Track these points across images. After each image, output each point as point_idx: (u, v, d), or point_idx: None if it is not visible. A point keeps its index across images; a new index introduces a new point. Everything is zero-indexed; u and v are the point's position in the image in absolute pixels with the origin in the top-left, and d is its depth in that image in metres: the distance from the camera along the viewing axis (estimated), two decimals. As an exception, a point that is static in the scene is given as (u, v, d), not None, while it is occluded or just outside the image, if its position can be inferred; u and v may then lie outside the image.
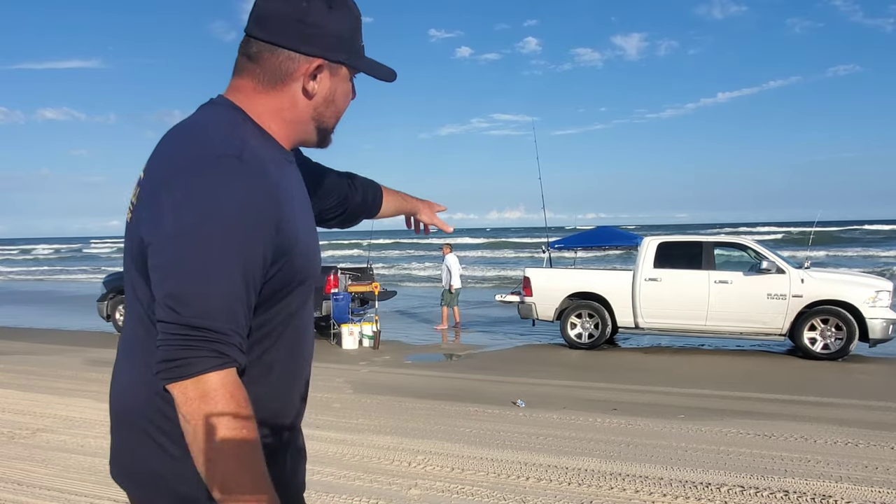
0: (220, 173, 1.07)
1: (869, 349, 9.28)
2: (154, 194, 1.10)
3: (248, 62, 1.22)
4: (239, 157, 1.09)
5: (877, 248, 35.66)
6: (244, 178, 1.08)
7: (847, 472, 4.40)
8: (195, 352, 1.03)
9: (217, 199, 1.05)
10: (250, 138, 1.16)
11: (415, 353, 10.06)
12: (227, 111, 1.20)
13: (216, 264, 1.04)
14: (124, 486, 1.28)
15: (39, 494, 4.02)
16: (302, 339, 1.29)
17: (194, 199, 1.05)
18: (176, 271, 1.05)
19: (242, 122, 1.19)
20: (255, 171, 1.10)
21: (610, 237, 14.12)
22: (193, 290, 1.04)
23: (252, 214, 1.08)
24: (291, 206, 1.17)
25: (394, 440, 5.16)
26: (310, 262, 1.24)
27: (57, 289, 25.87)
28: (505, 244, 48.50)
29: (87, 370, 8.41)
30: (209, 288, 1.04)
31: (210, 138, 1.13)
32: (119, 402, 1.30)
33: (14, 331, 12.77)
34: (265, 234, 1.10)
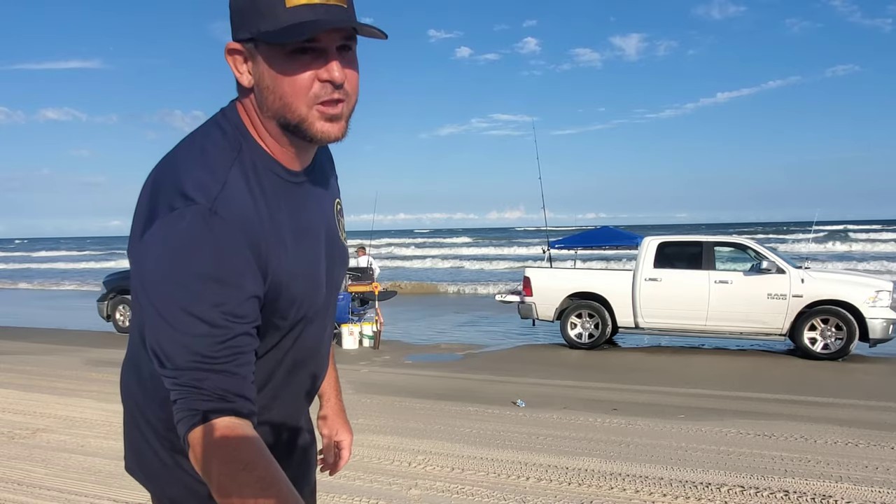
0: (191, 225, 1.00)
1: (869, 349, 9.28)
2: (134, 234, 1.06)
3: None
4: (212, 210, 1.01)
5: (877, 248, 35.65)
6: (216, 230, 1.01)
7: (847, 472, 4.40)
8: (192, 404, 1.00)
9: (188, 252, 1.00)
10: (236, 175, 1.07)
11: (415, 353, 10.06)
12: (228, 133, 1.11)
13: (194, 318, 0.99)
14: (137, 478, 1.30)
15: (39, 494, 4.02)
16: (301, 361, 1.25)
17: (168, 251, 1.00)
18: (152, 326, 1.02)
19: (238, 149, 1.10)
20: (228, 222, 1.02)
21: (610, 237, 14.12)
22: (175, 345, 1.00)
23: (224, 267, 1.01)
24: (278, 247, 1.09)
25: (394, 440, 5.16)
26: (303, 300, 1.16)
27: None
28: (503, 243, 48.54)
29: (87, 370, 8.41)
30: (191, 340, 0.99)
31: (189, 181, 1.04)
32: (124, 401, 1.32)
33: (14, 331, 12.77)
34: (244, 283, 1.03)
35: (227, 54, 1.08)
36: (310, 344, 1.25)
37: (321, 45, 1.03)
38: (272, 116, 1.08)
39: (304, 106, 1.05)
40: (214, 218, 1.01)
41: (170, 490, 1.23)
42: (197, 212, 1.01)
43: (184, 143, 1.13)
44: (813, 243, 31.89)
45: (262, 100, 1.08)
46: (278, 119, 1.08)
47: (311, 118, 1.06)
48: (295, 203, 1.15)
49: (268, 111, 1.08)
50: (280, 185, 1.12)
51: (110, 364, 8.64)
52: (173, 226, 1.01)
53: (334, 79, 1.04)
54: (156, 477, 1.24)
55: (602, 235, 14.20)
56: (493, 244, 49.03)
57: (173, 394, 1.02)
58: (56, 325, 13.81)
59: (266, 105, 1.08)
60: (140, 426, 1.24)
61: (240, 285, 1.02)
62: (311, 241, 1.18)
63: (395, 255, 39.02)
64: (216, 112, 1.16)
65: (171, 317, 1.00)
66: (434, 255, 39.61)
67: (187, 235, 1.00)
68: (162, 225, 1.01)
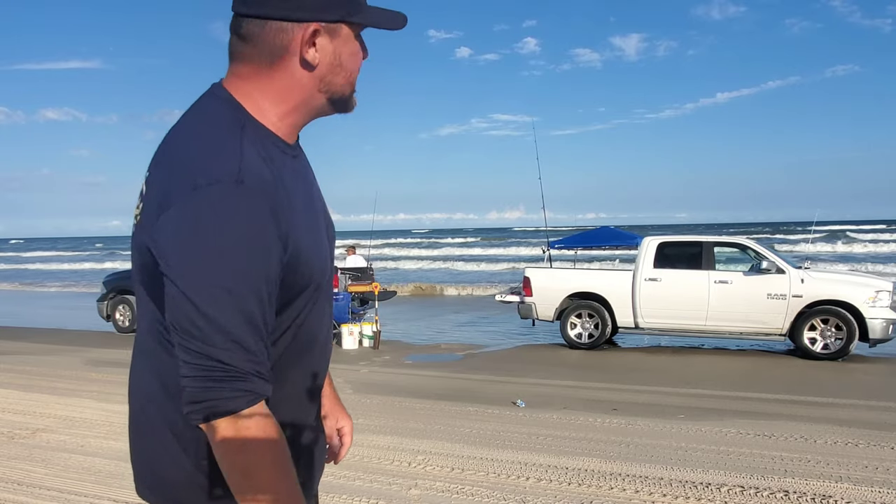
0: (218, 203, 1.02)
1: (869, 349, 9.28)
2: (153, 226, 1.05)
3: (242, 44, 1.13)
4: (238, 181, 1.03)
5: (877, 248, 35.66)
6: (245, 202, 1.03)
7: (847, 472, 4.40)
8: (222, 392, 1.01)
9: (220, 231, 1.01)
10: (248, 147, 1.08)
11: (415, 353, 10.06)
12: (225, 111, 1.12)
13: (231, 298, 1.01)
14: (142, 493, 1.24)
15: (39, 494, 4.02)
16: (312, 341, 1.25)
17: (199, 230, 1.01)
18: (188, 305, 1.01)
19: (241, 125, 1.11)
20: (255, 191, 1.04)
21: (610, 237, 14.13)
22: (209, 327, 1.00)
23: (257, 239, 1.03)
24: (293, 213, 1.11)
25: (394, 440, 5.16)
26: (315, 265, 1.17)
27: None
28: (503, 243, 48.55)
29: (87, 370, 8.41)
30: (226, 323, 1.01)
31: (206, 158, 1.06)
32: (133, 406, 1.25)
33: (14, 331, 12.77)
34: (273, 255, 1.06)
35: (310, 36, 1.12)
36: (318, 327, 1.25)
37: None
38: (330, 91, 1.17)
39: (354, 81, 1.20)
40: (242, 188, 1.03)
41: (187, 499, 1.19)
42: (225, 185, 1.03)
43: (184, 124, 1.14)
44: (813, 243, 31.89)
45: (328, 79, 1.16)
46: (336, 94, 1.18)
47: (351, 91, 1.21)
48: (297, 175, 1.19)
49: (329, 87, 1.17)
50: (281, 157, 1.16)
51: (110, 364, 8.64)
52: (204, 202, 1.01)
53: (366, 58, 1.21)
54: (173, 489, 1.19)
55: (602, 235, 14.21)
56: (492, 244, 49.04)
57: (200, 370, 1.01)
58: (56, 325, 13.81)
59: (330, 81, 1.16)
60: (158, 433, 1.18)
61: (273, 256, 1.06)
62: (313, 210, 1.23)
63: (387, 256, 38.88)
64: (204, 94, 1.18)
65: (210, 293, 1.00)
66: (433, 256, 39.61)
67: (221, 209, 1.01)
68: (190, 204, 1.02)
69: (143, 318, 1.19)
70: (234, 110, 1.13)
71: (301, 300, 1.17)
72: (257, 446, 1.03)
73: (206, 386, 1.01)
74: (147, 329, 1.18)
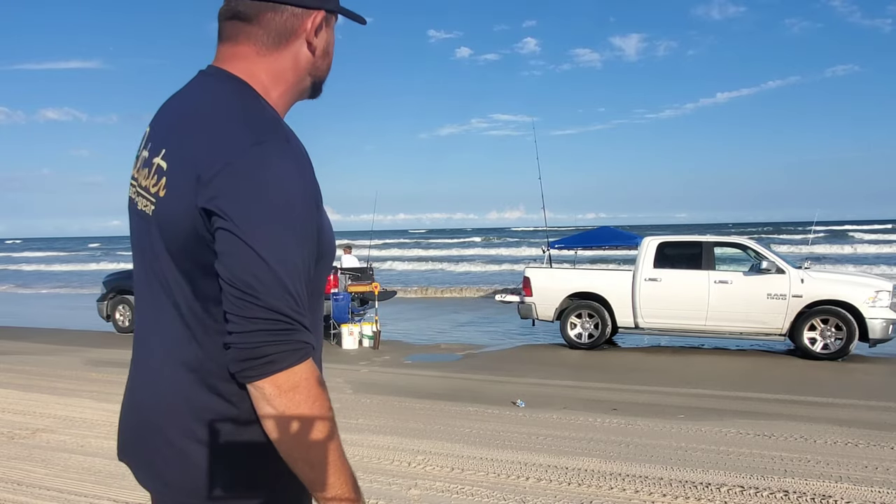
0: (277, 159, 1.04)
1: (869, 349, 9.28)
2: (209, 186, 1.03)
3: (245, 25, 1.15)
4: (287, 140, 1.08)
5: (876, 248, 35.66)
6: (295, 160, 1.07)
7: (847, 472, 4.40)
8: (282, 346, 1.02)
9: (281, 186, 1.03)
10: (276, 113, 1.15)
11: (415, 353, 10.06)
12: (239, 85, 1.15)
13: (290, 252, 1.03)
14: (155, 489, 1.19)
15: (39, 494, 4.02)
16: (321, 316, 1.28)
17: (260, 189, 1.02)
18: (253, 257, 1.00)
19: (258, 97, 1.15)
20: (300, 151, 1.10)
21: (610, 237, 14.13)
22: (272, 280, 1.01)
23: (309, 197, 1.07)
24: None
25: (394, 440, 5.16)
26: (333, 236, 1.22)
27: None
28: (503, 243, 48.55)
29: (87, 370, 8.41)
30: (286, 276, 1.02)
31: (249, 120, 1.08)
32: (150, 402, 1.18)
33: (14, 331, 12.77)
34: (317, 215, 1.10)
35: (325, 22, 1.21)
36: (321, 312, 1.27)
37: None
38: (315, 75, 1.24)
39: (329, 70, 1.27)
40: (291, 146, 1.08)
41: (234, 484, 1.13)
42: (279, 142, 1.07)
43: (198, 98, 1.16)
44: (813, 244, 31.89)
45: (318, 63, 1.23)
46: (318, 78, 1.25)
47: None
48: None
49: (316, 71, 1.24)
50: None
51: (110, 364, 8.64)
52: (267, 157, 1.04)
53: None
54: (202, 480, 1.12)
55: (602, 235, 14.21)
56: (491, 245, 49.05)
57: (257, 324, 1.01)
58: (56, 325, 13.81)
59: (319, 66, 1.24)
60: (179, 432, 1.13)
61: (318, 214, 1.10)
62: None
63: (386, 257, 38.79)
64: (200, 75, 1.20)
65: (276, 246, 1.02)
66: (431, 256, 39.59)
67: (284, 165, 1.04)
68: (254, 159, 1.03)
69: (168, 310, 1.14)
70: (244, 85, 1.16)
71: (321, 269, 1.18)
72: (315, 399, 1.04)
73: (265, 340, 1.01)
74: (171, 320, 1.13)
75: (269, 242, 1.01)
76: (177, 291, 1.11)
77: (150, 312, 1.18)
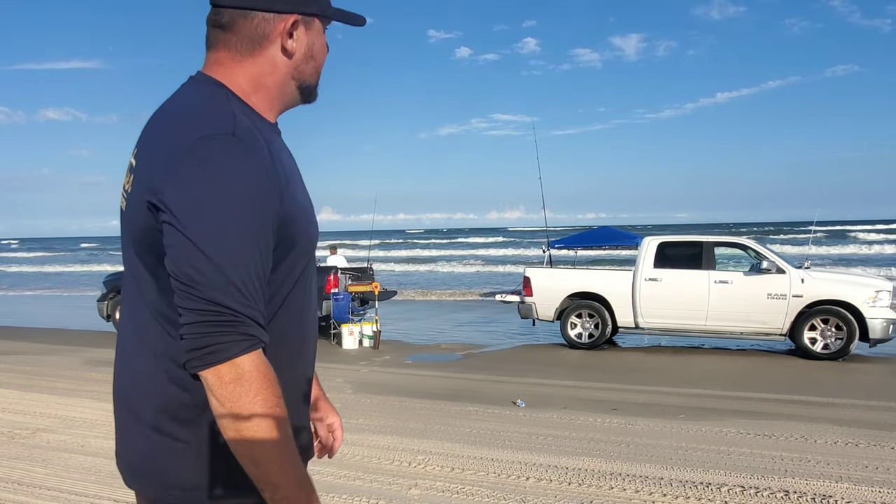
0: (220, 153, 1.06)
1: (869, 349, 9.28)
2: (155, 180, 1.08)
3: (222, 32, 1.20)
4: (233, 134, 1.09)
5: (876, 248, 35.67)
6: (242, 153, 1.08)
7: (847, 472, 4.40)
8: (224, 336, 1.03)
9: (222, 179, 1.05)
10: (238, 111, 1.15)
11: (415, 353, 10.06)
12: (211, 87, 1.19)
13: (232, 243, 1.04)
14: (133, 484, 1.24)
15: (39, 494, 4.02)
16: (307, 309, 1.27)
17: (200, 181, 1.05)
18: (193, 250, 1.03)
19: (227, 96, 1.18)
20: (251, 145, 1.10)
21: (610, 237, 14.13)
22: (212, 271, 1.03)
23: (258, 189, 1.07)
24: (287, 174, 1.17)
25: (394, 440, 5.16)
26: (309, 226, 1.23)
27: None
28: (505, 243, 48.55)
29: (87, 370, 8.42)
30: (228, 268, 1.03)
31: (202, 117, 1.12)
32: (126, 393, 1.25)
33: (14, 331, 12.77)
34: (272, 207, 1.10)
35: (290, 26, 1.21)
36: (309, 295, 1.27)
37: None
38: (300, 79, 1.25)
39: (317, 75, 1.28)
40: (238, 140, 1.09)
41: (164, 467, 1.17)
42: (225, 137, 1.08)
43: (170, 103, 1.21)
44: (813, 244, 31.90)
45: (301, 67, 1.24)
46: (305, 82, 1.26)
47: (317, 82, 1.29)
48: (281, 148, 1.24)
49: (300, 75, 1.24)
50: (270, 131, 1.22)
51: (110, 364, 8.57)
52: (208, 151, 1.06)
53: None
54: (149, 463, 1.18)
55: (602, 235, 14.21)
56: (491, 245, 49.05)
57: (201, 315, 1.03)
58: (56, 325, 13.81)
59: (302, 69, 1.24)
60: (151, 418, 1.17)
61: (272, 207, 1.10)
62: (300, 180, 1.28)
63: (384, 258, 38.74)
64: (185, 82, 1.24)
65: (215, 239, 1.03)
66: (430, 257, 39.59)
67: (225, 159, 1.06)
68: (196, 154, 1.06)
69: (132, 302, 1.20)
70: (219, 87, 1.20)
71: (297, 257, 1.20)
72: (257, 393, 1.03)
73: (207, 331, 1.03)
74: (138, 309, 1.18)
75: (208, 234, 1.03)
76: (144, 286, 1.16)
77: (127, 306, 1.24)
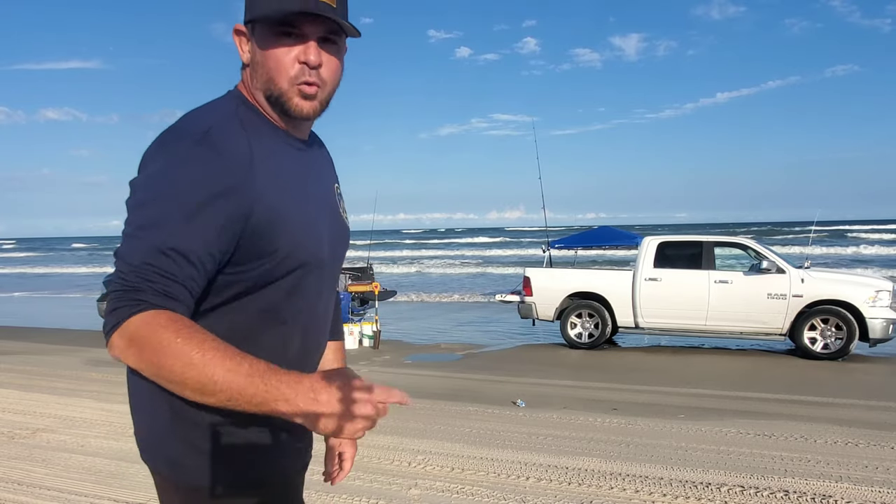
0: (176, 152, 1.12)
1: (869, 349, 9.28)
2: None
3: None
4: (199, 140, 1.12)
5: (877, 248, 35.67)
6: (198, 155, 1.11)
7: (847, 472, 4.40)
8: (113, 304, 1.06)
9: (168, 171, 1.10)
10: (230, 120, 1.17)
11: (415, 353, 10.06)
12: (226, 99, 1.24)
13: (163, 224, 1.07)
14: (144, 459, 1.30)
15: (39, 494, 4.02)
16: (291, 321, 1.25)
17: (148, 172, 1.13)
18: (123, 233, 1.11)
19: (235, 107, 1.21)
20: (215, 148, 1.11)
21: (610, 237, 14.12)
22: (125, 249, 1.09)
23: (198, 185, 1.09)
24: (273, 182, 1.16)
25: (394, 440, 5.16)
26: (303, 241, 1.20)
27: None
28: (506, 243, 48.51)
29: (87, 370, 8.41)
30: (137, 245, 1.07)
31: (182, 122, 1.17)
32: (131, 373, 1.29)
33: (14, 331, 12.77)
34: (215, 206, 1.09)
35: (234, 35, 1.24)
36: (303, 306, 1.26)
37: (303, 31, 1.17)
38: (260, 89, 1.21)
39: (286, 83, 1.18)
40: (199, 145, 1.11)
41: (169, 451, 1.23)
42: (186, 141, 1.12)
43: (189, 111, 1.25)
44: (813, 244, 31.90)
45: (254, 75, 1.22)
46: (265, 92, 1.21)
47: (291, 93, 1.19)
48: (298, 163, 1.26)
49: (256, 83, 1.22)
50: (280, 141, 1.24)
51: (110, 364, 8.63)
52: (167, 147, 1.14)
53: (310, 60, 1.17)
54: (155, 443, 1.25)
55: (602, 235, 14.20)
56: (491, 245, 49.03)
57: (112, 290, 1.09)
58: (56, 325, 13.81)
59: (256, 79, 1.21)
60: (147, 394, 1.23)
61: (214, 207, 1.09)
62: (314, 202, 1.28)
63: (383, 259, 38.63)
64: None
65: (135, 223, 1.09)
66: (430, 257, 39.58)
67: (177, 155, 1.11)
68: (153, 155, 1.14)
69: None
70: (237, 99, 1.24)
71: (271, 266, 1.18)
72: (161, 351, 1.01)
73: (109, 307, 1.07)
74: None
75: (137, 215, 1.09)
76: None
77: None
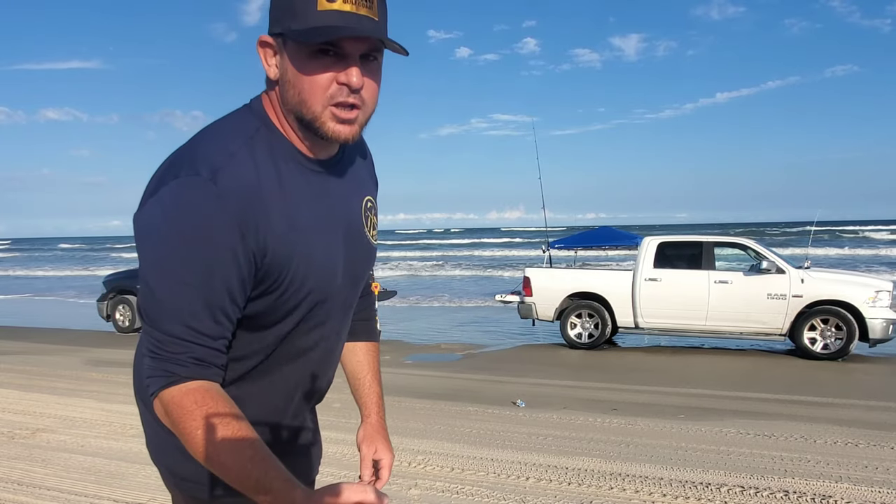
0: (184, 193, 1.05)
1: (869, 349, 9.28)
2: (140, 207, 1.12)
3: None
4: (211, 179, 1.04)
5: (877, 248, 35.66)
6: (207, 199, 1.04)
7: (847, 472, 4.40)
8: (153, 372, 1.08)
9: (174, 217, 1.04)
10: (244, 150, 1.10)
11: (415, 353, 10.06)
12: (245, 117, 1.16)
13: (168, 282, 1.05)
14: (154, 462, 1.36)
15: (39, 494, 4.02)
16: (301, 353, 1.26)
17: (154, 216, 1.06)
18: (141, 287, 1.09)
19: (251, 131, 1.13)
20: (225, 191, 1.05)
21: (610, 237, 14.12)
22: (151, 307, 1.07)
23: (205, 233, 1.04)
24: (285, 224, 1.11)
25: (394, 440, 5.13)
26: (311, 281, 1.17)
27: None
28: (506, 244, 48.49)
29: (87, 370, 8.41)
30: (162, 311, 1.06)
31: (199, 154, 1.09)
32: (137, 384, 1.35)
33: (14, 331, 12.77)
34: (224, 252, 1.05)
35: (259, 46, 1.13)
36: (315, 337, 1.26)
37: (344, 50, 1.07)
38: (290, 110, 1.12)
39: (319, 105, 1.09)
40: (210, 186, 1.04)
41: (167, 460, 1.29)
42: (197, 180, 1.05)
43: (206, 127, 1.18)
44: (813, 244, 31.91)
45: (283, 93, 1.12)
46: (295, 113, 1.12)
47: (325, 117, 1.10)
48: (314, 190, 1.18)
49: (287, 104, 1.12)
50: (298, 169, 1.16)
51: (110, 364, 8.64)
52: (173, 191, 1.05)
53: (352, 83, 1.07)
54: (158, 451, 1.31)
55: (602, 235, 14.20)
56: (488, 246, 49.03)
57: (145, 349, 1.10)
58: (56, 325, 13.81)
59: (286, 98, 1.12)
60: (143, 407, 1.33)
61: (224, 253, 1.06)
62: (330, 229, 1.20)
63: (381, 259, 38.65)
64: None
65: (153, 278, 1.06)
66: (429, 257, 39.57)
67: (182, 201, 1.04)
68: (166, 190, 1.06)
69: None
70: (256, 117, 1.16)
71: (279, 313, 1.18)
72: (183, 425, 1.04)
73: (148, 366, 1.09)
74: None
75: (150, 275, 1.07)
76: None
77: None
